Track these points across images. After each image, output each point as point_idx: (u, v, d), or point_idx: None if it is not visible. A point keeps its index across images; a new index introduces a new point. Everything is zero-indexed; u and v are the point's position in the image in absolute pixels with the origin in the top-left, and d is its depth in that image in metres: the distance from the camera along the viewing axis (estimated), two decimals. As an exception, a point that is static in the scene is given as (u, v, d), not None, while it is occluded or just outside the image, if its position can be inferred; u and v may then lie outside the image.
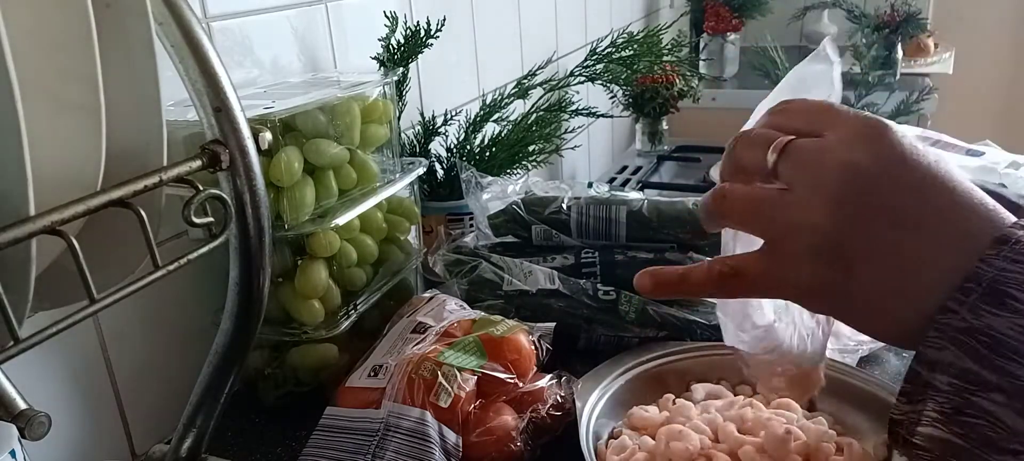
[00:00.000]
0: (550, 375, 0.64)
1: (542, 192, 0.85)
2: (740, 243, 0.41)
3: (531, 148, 0.99)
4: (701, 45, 2.11)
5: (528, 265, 0.76)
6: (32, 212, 0.32)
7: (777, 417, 0.55)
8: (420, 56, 0.88)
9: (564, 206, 0.79)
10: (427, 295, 0.73)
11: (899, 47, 1.93)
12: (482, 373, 0.60)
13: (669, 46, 1.20)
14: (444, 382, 0.58)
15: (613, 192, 0.86)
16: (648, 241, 0.77)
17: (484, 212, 0.84)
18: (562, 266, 0.77)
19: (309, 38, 0.81)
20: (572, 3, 1.49)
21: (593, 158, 1.65)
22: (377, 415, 0.58)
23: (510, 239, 0.82)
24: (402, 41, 0.87)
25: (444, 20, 0.87)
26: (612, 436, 0.58)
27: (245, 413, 0.69)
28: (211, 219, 0.41)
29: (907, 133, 0.35)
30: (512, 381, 0.61)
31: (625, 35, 1.15)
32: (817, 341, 0.44)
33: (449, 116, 0.98)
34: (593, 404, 0.60)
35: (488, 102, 0.99)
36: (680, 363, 0.65)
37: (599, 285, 0.73)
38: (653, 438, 0.54)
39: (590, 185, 0.90)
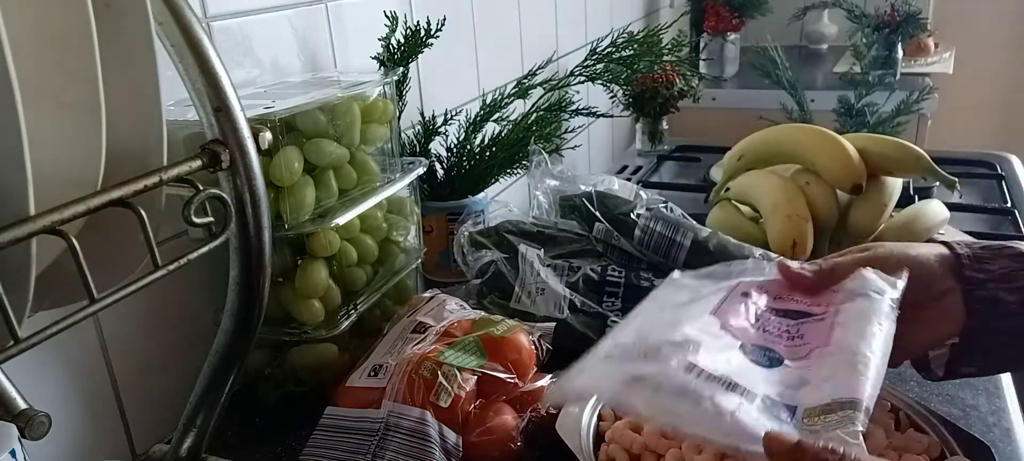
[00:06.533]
0: (550, 375, 0.64)
1: (616, 190, 0.85)
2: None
3: (531, 148, 0.99)
4: (701, 45, 2.11)
5: (545, 276, 0.74)
6: (32, 212, 0.32)
7: None
8: (420, 56, 0.88)
9: (634, 214, 0.78)
10: (427, 295, 0.73)
11: (899, 47, 1.93)
12: (482, 373, 0.60)
13: (669, 46, 1.20)
14: (444, 382, 0.58)
15: (685, 216, 0.84)
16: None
17: (546, 190, 0.83)
18: (586, 278, 0.75)
19: (309, 38, 0.81)
20: (572, 3, 1.49)
21: (593, 158, 1.65)
22: (377, 415, 0.58)
23: (546, 226, 0.80)
24: (402, 41, 0.87)
25: (444, 20, 0.87)
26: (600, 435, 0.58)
27: (245, 413, 0.69)
28: (211, 219, 0.41)
29: None
30: (512, 381, 0.61)
31: (625, 35, 1.14)
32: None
33: (449, 116, 0.98)
34: (593, 405, 0.60)
35: (488, 102, 0.99)
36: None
37: (612, 319, 0.71)
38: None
39: (667, 203, 0.86)
